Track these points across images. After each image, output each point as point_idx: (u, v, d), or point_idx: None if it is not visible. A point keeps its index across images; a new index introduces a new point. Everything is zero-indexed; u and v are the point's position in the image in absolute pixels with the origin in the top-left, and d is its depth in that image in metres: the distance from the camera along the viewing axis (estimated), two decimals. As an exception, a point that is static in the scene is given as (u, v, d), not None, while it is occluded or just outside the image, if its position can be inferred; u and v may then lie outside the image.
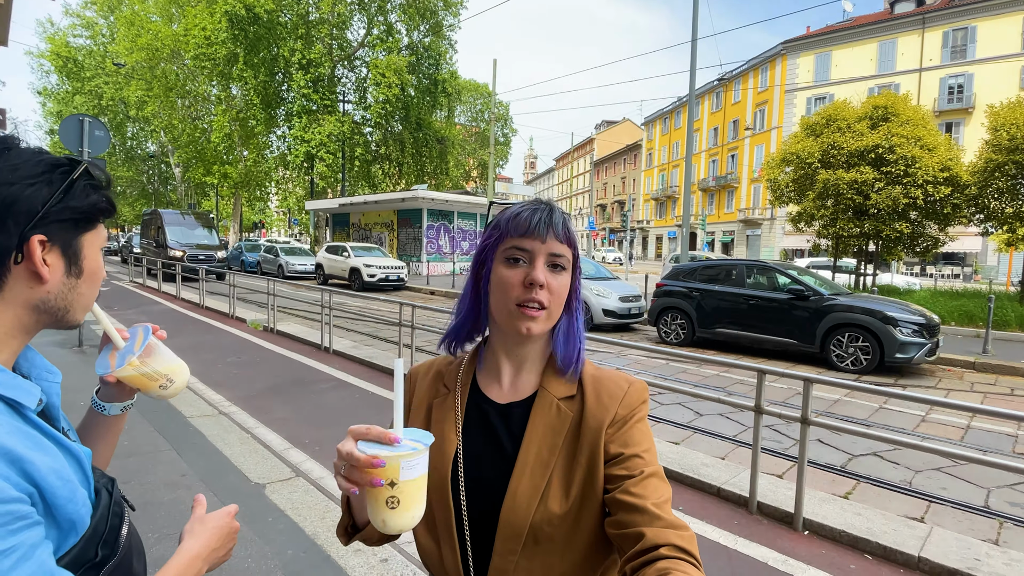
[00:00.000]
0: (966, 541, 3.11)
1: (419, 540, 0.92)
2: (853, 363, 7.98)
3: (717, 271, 9.94)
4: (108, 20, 37.23)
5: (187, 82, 32.21)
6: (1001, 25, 32.35)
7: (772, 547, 3.13)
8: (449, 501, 0.87)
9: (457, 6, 29.37)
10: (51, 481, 0.65)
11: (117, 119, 38.46)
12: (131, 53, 30.24)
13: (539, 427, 0.87)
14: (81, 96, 37.30)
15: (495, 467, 0.87)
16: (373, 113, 28.60)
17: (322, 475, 3.85)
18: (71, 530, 0.69)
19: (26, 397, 0.69)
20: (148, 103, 31.47)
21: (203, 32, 26.42)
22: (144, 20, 31.46)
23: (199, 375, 6.42)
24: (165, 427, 4.59)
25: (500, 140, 49.35)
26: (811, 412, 3.36)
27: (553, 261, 0.86)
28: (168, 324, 9.89)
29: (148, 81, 31.04)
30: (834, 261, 16.97)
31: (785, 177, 16.19)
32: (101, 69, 36.33)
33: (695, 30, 15.26)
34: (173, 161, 38.98)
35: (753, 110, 45.11)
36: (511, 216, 0.88)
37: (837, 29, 38.85)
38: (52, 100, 39.71)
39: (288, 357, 7.57)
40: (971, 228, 15.00)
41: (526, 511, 0.82)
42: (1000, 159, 12.35)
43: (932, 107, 33.58)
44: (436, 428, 0.92)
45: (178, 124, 32.71)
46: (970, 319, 12.06)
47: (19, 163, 0.69)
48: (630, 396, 0.87)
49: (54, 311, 0.74)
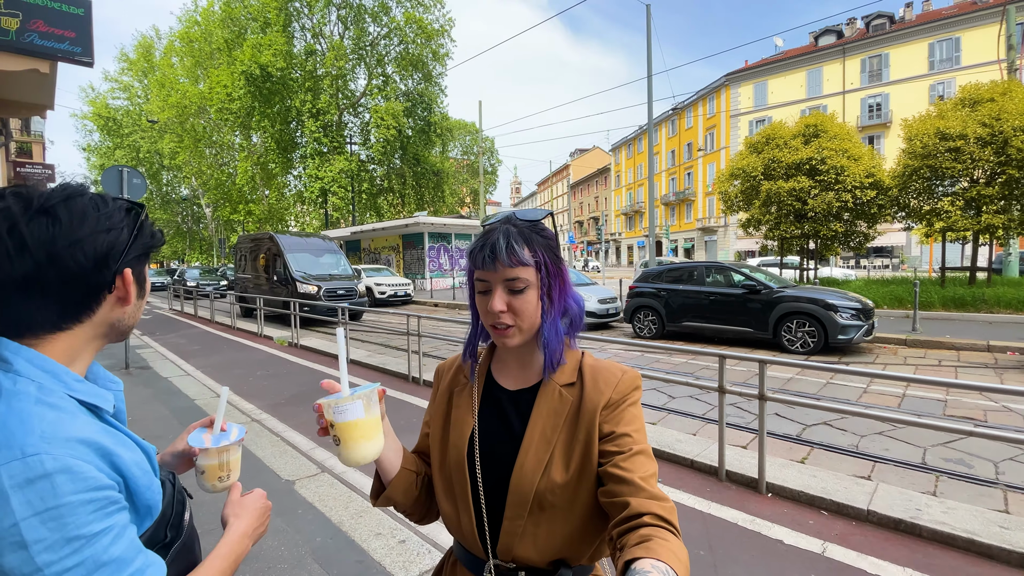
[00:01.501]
0: (908, 494, 3.11)
1: (442, 506, 0.94)
2: (802, 346, 8.01)
3: (681, 273, 9.97)
4: (142, 83, 37.24)
5: (213, 133, 32.16)
6: (910, 51, 32.95)
7: (741, 509, 3.12)
8: (466, 473, 0.89)
9: (444, 57, 29.58)
10: (134, 472, 0.69)
11: (153, 168, 38.36)
12: (163, 111, 30.24)
13: (543, 410, 0.88)
14: (121, 150, 37.19)
15: (505, 444, 0.89)
16: (376, 152, 28.66)
17: (344, 470, 3.79)
18: (147, 514, 0.72)
19: (104, 402, 0.72)
20: (179, 153, 31.44)
21: (225, 90, 26.42)
22: (173, 81, 31.47)
23: (233, 388, 6.34)
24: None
25: (488, 170, 49.54)
26: (767, 390, 3.36)
27: (510, 286, 0.85)
28: (203, 344, 9.79)
29: (179, 134, 31.01)
30: (780, 259, 17.09)
31: (734, 189, 16.35)
32: (137, 126, 36.29)
33: (650, 67, 15.44)
34: (203, 203, 38.80)
35: (704, 133, 45.55)
36: (471, 251, 0.89)
37: (771, 61, 39.40)
38: (95, 155, 39.52)
39: (312, 368, 7.49)
40: (896, 224, 15.17)
41: (531, 480, 0.83)
42: (916, 164, 12.54)
43: (855, 123, 34.07)
44: (456, 412, 0.95)
45: (206, 170, 32.65)
46: (900, 302, 12.18)
47: (111, 211, 0.73)
48: (623, 383, 0.88)
49: (124, 327, 0.78)
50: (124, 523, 0.64)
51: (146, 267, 0.80)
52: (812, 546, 2.70)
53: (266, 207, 33.81)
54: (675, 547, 0.67)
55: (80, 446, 0.62)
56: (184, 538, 0.80)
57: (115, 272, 0.71)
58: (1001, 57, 15.22)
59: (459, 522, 0.90)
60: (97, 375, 0.79)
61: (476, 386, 0.96)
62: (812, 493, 3.16)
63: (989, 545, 2.58)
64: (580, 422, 0.86)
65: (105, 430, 0.68)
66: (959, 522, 2.76)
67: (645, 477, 0.78)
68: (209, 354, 8.77)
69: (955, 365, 7.07)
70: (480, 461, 0.89)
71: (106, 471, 0.64)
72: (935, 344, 8.29)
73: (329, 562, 2.62)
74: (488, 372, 0.98)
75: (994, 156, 11.36)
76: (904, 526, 2.82)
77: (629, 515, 0.74)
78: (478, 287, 0.88)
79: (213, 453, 0.90)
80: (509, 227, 0.87)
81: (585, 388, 0.88)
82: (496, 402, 0.94)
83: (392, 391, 6.06)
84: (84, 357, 0.73)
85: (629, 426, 0.84)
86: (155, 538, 0.73)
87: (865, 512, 2.95)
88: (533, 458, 0.85)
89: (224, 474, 0.91)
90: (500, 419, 0.92)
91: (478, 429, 0.91)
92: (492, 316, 0.86)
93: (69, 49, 4.40)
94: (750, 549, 2.69)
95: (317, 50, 28.43)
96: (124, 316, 0.76)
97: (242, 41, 27.27)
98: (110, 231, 0.71)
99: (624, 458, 0.80)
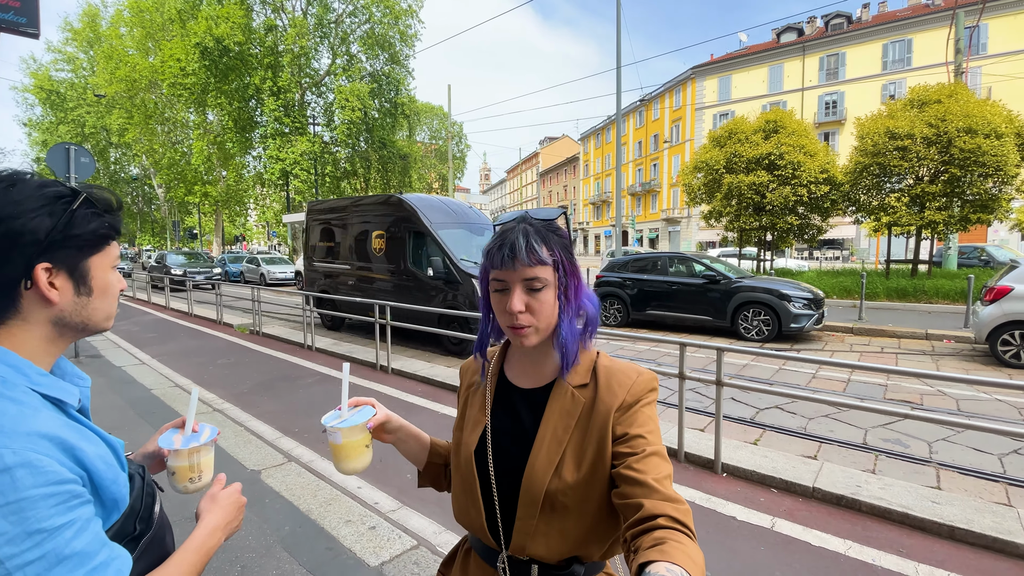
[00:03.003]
0: (850, 472, 3.34)
1: (455, 498, 0.98)
2: (757, 333, 8.36)
3: (645, 263, 10.19)
4: (88, 55, 34.86)
5: (165, 110, 30.54)
6: (865, 51, 34.27)
7: (698, 488, 3.28)
8: (474, 470, 0.90)
9: (412, 39, 28.89)
10: (98, 466, 0.68)
11: (100, 145, 36.12)
12: (111, 84, 28.47)
13: (555, 410, 0.88)
14: (65, 125, 34.86)
15: (518, 442, 0.89)
16: (339, 134, 27.87)
17: (312, 458, 3.77)
18: (114, 508, 0.72)
19: (68, 396, 0.71)
20: (129, 130, 29.69)
21: (178, 63, 25.05)
22: (122, 54, 29.58)
23: (192, 377, 6.15)
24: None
25: (457, 155, 48.90)
26: (724, 376, 3.53)
27: (529, 285, 0.84)
28: (160, 332, 9.42)
29: (128, 110, 29.29)
30: (739, 250, 17.65)
31: (697, 182, 16.73)
32: (83, 100, 34.03)
33: (619, 59, 15.54)
34: (155, 183, 36.90)
35: (670, 126, 46.28)
36: (488, 250, 0.87)
37: (735, 56, 40.24)
38: (37, 130, 36.89)
39: (275, 356, 7.34)
40: (846, 218, 15.87)
41: (542, 480, 0.84)
42: (866, 161, 13.12)
43: (813, 120, 35.29)
44: (471, 411, 0.98)
45: (159, 148, 30.99)
46: (848, 292, 12.82)
47: (22, 198, 0.66)
48: (637, 385, 0.87)
49: (73, 326, 0.74)
50: (87, 517, 0.63)
51: (90, 262, 0.73)
52: (763, 521, 2.88)
53: (224, 188, 32.49)
54: (690, 550, 0.66)
55: (41, 440, 0.62)
56: (154, 531, 0.79)
57: (26, 266, 0.67)
58: (949, 60, 15.98)
59: (469, 516, 0.92)
60: (65, 371, 0.78)
61: (488, 386, 0.97)
62: (763, 472, 3.35)
63: (922, 519, 2.80)
64: (592, 424, 0.85)
65: (68, 424, 0.68)
66: (895, 497, 2.99)
67: (659, 479, 0.77)
68: (165, 342, 8.46)
69: (896, 352, 7.53)
70: (492, 459, 0.90)
71: (68, 465, 0.63)
72: (879, 332, 8.80)
73: (298, 550, 2.63)
74: (501, 371, 0.99)
75: (938, 155, 12.01)
76: (845, 501, 3.04)
77: (643, 517, 0.73)
78: (494, 286, 0.87)
79: (183, 455, 0.89)
80: (526, 226, 0.87)
81: (599, 390, 0.87)
82: (509, 401, 0.94)
83: (359, 380, 6.02)
84: (46, 351, 0.72)
85: (643, 427, 0.83)
86: (123, 531, 0.73)
87: (811, 489, 3.16)
88: (544, 458, 0.85)
89: (195, 475, 0.91)
90: (512, 418, 0.92)
91: (490, 428, 0.92)
92: (510, 316, 0.85)
93: (14, 19, 4.11)
94: (706, 525, 2.84)
95: (278, 25, 27.27)
96: (64, 315, 0.71)
97: (196, 12, 25.84)
98: (18, 219, 0.65)
99: (637, 459, 0.79)
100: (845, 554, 2.58)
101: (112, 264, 0.77)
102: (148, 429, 4.29)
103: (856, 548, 2.62)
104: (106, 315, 0.78)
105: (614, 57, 15.69)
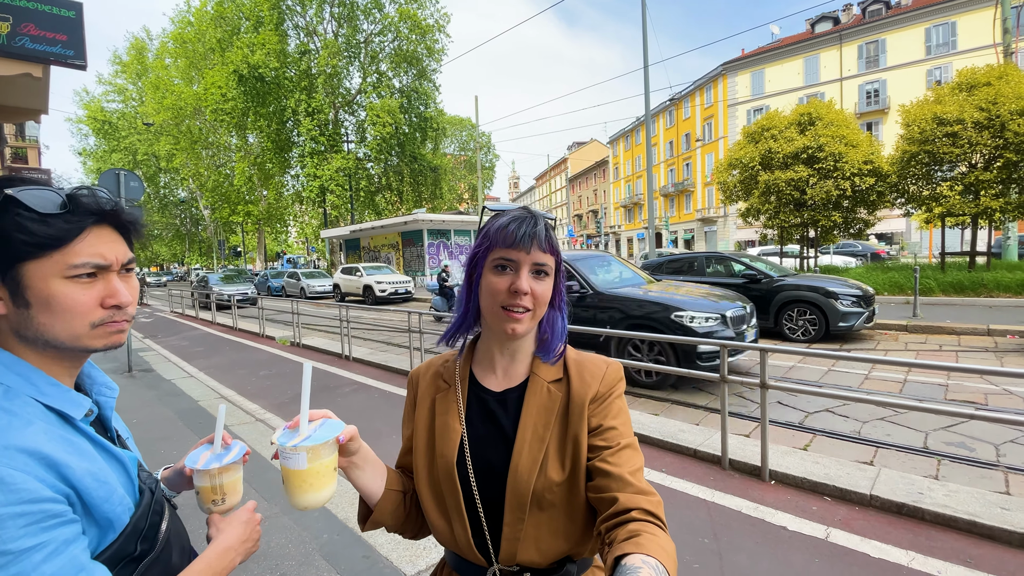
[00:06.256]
0: (910, 478, 3.13)
1: (431, 520, 0.89)
2: (803, 334, 8.02)
3: (681, 263, 9.96)
4: (137, 85, 37.14)
5: (209, 135, 32.12)
6: (907, 36, 32.80)
7: (745, 497, 3.13)
8: (456, 483, 0.85)
9: (439, 53, 29.47)
10: (87, 483, 0.64)
11: (151, 171, 38.32)
12: (158, 113, 30.20)
13: (533, 408, 0.86)
14: (117, 154, 37.16)
15: (498, 447, 0.87)
16: (372, 149, 28.62)
17: (350, 466, 3.81)
18: (108, 528, 0.67)
19: (73, 408, 0.69)
20: (176, 155, 31.43)
21: (219, 90, 26.37)
22: (168, 83, 31.39)
23: (236, 388, 6.36)
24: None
25: (486, 165, 49.42)
26: (769, 378, 3.36)
27: (537, 268, 0.84)
28: (206, 346, 9.81)
29: (175, 136, 30.99)
30: (780, 248, 17.07)
31: (732, 179, 16.29)
32: (133, 128, 36.24)
33: (646, 58, 15.37)
34: (202, 204, 38.75)
35: (701, 124, 45.40)
36: (499, 227, 0.84)
37: (768, 49, 39.21)
38: (91, 159, 39.44)
39: (316, 368, 7.49)
40: (895, 211, 15.12)
41: (527, 480, 0.82)
42: (914, 150, 12.49)
43: (854, 110, 33.95)
44: (441, 419, 0.90)
45: (204, 172, 32.61)
46: (900, 289, 12.18)
47: None
48: (608, 375, 0.88)
49: (31, 339, 0.67)
50: (65, 539, 0.59)
51: (23, 269, 0.64)
52: (816, 532, 2.72)
53: (264, 207, 33.80)
54: (663, 541, 0.68)
55: (19, 455, 0.58)
56: (158, 552, 0.74)
57: None
58: (997, 41, 15.11)
59: (452, 534, 0.86)
60: (94, 381, 0.77)
61: (460, 390, 0.91)
62: (815, 479, 3.17)
63: (991, 527, 2.59)
64: (570, 417, 0.85)
65: (62, 438, 0.64)
66: (961, 504, 2.77)
67: (632, 472, 0.79)
68: (211, 355, 8.79)
69: (956, 350, 7.07)
70: (473, 468, 0.86)
71: (49, 482, 0.59)
72: (935, 329, 8.30)
73: (336, 558, 2.64)
74: (470, 374, 0.94)
75: (991, 140, 11.32)
76: (907, 510, 2.83)
77: (617, 510, 0.74)
78: (494, 263, 0.84)
79: (205, 475, 0.84)
80: (540, 215, 0.88)
81: (572, 382, 0.87)
82: (482, 405, 0.90)
83: (394, 388, 6.08)
84: (54, 361, 0.69)
85: (616, 419, 0.85)
86: (122, 552, 0.68)
87: (868, 497, 2.97)
88: (527, 458, 0.83)
89: (218, 497, 0.85)
90: (489, 422, 0.88)
91: (467, 436, 0.88)
92: (511, 296, 0.82)
93: (61, 52, 4.38)
94: (754, 536, 2.71)
95: (311, 49, 28.33)
96: (17, 327, 0.66)
97: (235, 40, 27.16)
98: None
99: (611, 453, 0.81)
100: (908, 566, 2.40)
101: (64, 273, 0.66)
102: (195, 440, 4.43)
103: (920, 559, 2.44)
104: (60, 333, 0.67)
105: (640, 58, 15.53)
